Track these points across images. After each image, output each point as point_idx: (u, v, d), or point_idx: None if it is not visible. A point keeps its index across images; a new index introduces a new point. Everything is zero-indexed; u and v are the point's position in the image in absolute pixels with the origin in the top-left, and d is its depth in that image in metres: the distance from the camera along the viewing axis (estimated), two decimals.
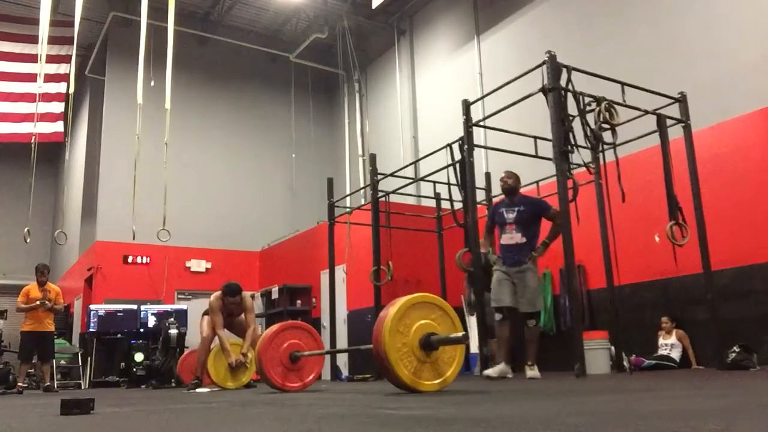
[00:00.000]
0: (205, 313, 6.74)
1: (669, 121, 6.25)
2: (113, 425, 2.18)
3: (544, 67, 5.52)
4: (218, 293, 6.64)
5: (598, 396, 2.64)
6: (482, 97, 7.51)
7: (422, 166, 9.92)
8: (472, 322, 7.99)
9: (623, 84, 6.03)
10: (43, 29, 7.63)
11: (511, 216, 5.67)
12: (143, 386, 9.50)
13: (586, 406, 2.06)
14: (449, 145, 7.27)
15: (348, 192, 12.47)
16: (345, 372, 9.85)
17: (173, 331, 9.14)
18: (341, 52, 14.28)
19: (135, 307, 11.44)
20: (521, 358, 5.78)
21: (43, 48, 7.66)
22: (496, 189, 8.87)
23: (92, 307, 11.40)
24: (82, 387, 10.90)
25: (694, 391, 2.89)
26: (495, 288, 5.59)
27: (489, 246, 5.93)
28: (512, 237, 5.60)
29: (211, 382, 6.58)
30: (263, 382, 4.94)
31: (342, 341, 10.13)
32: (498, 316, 5.55)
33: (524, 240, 5.56)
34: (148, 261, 12.78)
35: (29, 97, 12.75)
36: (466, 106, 6.44)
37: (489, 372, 5.32)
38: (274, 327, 4.87)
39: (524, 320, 5.55)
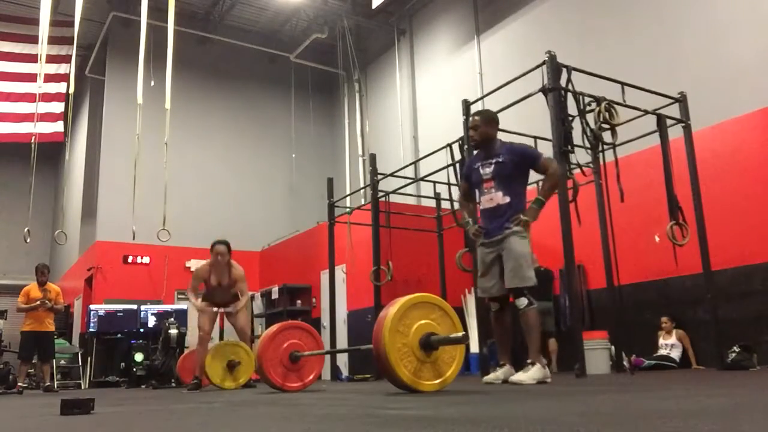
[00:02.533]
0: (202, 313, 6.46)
1: (669, 121, 6.25)
2: (113, 425, 2.18)
3: (544, 67, 5.52)
4: (205, 261, 6.66)
5: (598, 396, 2.64)
6: (482, 97, 7.51)
7: (422, 166, 9.92)
8: (473, 322, 7.99)
9: (623, 84, 6.03)
10: (43, 29, 7.64)
11: (488, 171, 4.32)
12: (143, 386, 9.50)
13: (586, 406, 2.06)
14: (449, 145, 7.27)
15: (348, 192, 12.47)
16: (345, 372, 9.84)
17: (173, 331, 9.13)
18: (341, 52, 14.28)
19: (135, 307, 11.44)
20: (523, 355, 4.46)
21: (43, 48, 7.67)
22: None
23: (92, 307, 11.40)
24: (82, 387, 10.90)
25: (694, 391, 2.89)
26: (480, 272, 4.42)
27: (469, 216, 4.61)
28: (492, 198, 4.30)
29: (209, 383, 6.59)
30: (263, 382, 4.94)
31: (342, 341, 10.13)
32: (494, 306, 4.38)
33: (507, 200, 4.24)
34: (148, 261, 12.79)
35: (29, 97, 12.75)
36: (466, 106, 6.44)
37: (489, 378, 4.37)
38: (274, 327, 4.87)
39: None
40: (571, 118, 5.39)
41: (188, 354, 8.06)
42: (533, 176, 4.59)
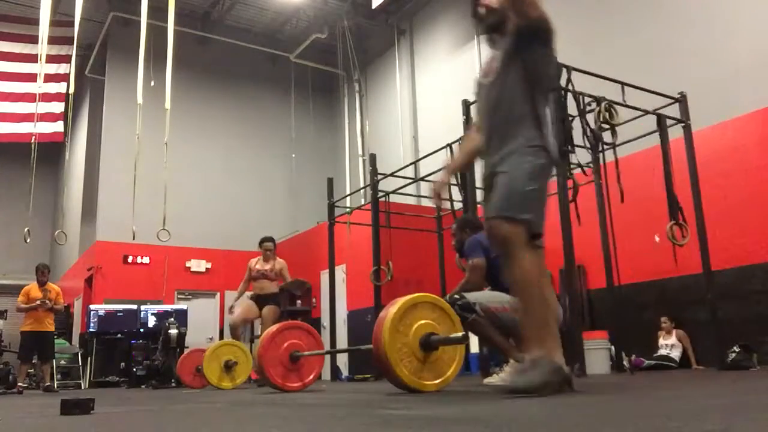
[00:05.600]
0: (251, 298, 7.46)
1: (669, 121, 6.25)
2: (113, 425, 2.18)
3: None
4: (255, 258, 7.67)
5: (597, 396, 2.64)
6: None
7: (422, 166, 9.92)
8: None
9: (623, 84, 6.03)
10: (43, 29, 7.65)
11: None
12: (143, 386, 9.50)
13: (586, 406, 2.06)
14: (449, 145, 7.27)
15: (348, 192, 12.46)
16: (345, 372, 9.84)
17: (173, 331, 9.14)
18: (341, 52, 14.28)
19: (135, 307, 11.44)
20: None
21: (43, 48, 7.68)
22: None
23: (92, 307, 11.39)
24: (82, 387, 10.90)
25: (694, 391, 2.89)
26: None
27: None
28: None
29: (205, 384, 6.62)
30: (263, 382, 4.94)
31: (342, 341, 10.13)
32: None
33: None
34: (148, 261, 12.78)
35: (29, 97, 12.75)
36: (466, 106, 6.44)
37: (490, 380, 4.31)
38: (274, 327, 4.88)
39: None
40: (571, 118, 5.39)
41: (188, 354, 8.07)
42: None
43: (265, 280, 7.47)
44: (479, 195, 7.92)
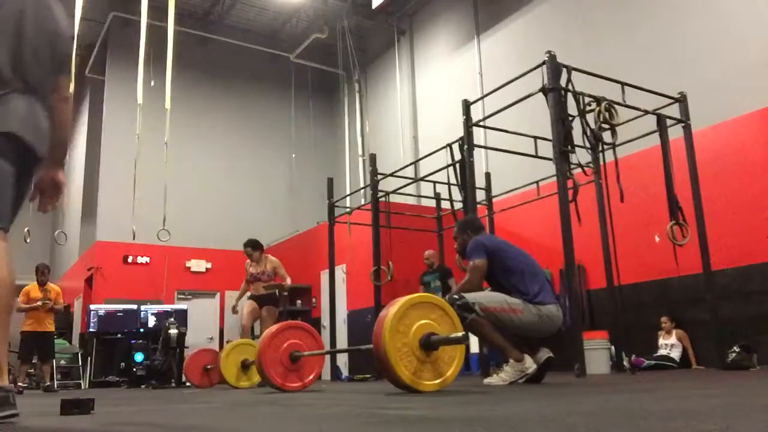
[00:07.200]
0: (250, 298, 7.54)
1: (669, 121, 6.25)
2: (113, 425, 2.18)
3: (544, 67, 5.52)
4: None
5: (598, 396, 2.64)
6: (482, 97, 7.51)
7: (422, 166, 9.92)
8: None
9: (623, 84, 6.03)
10: None
11: None
12: (143, 386, 9.50)
13: (586, 406, 2.06)
14: (449, 145, 7.26)
15: (348, 192, 12.47)
16: (345, 372, 9.84)
17: (173, 331, 9.14)
18: (341, 52, 14.28)
19: (135, 307, 11.44)
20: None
21: None
22: (496, 189, 8.89)
23: (92, 307, 11.39)
24: (82, 387, 10.90)
25: (694, 391, 2.89)
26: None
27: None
28: None
29: (213, 383, 6.61)
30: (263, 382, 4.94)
31: (342, 341, 10.13)
32: None
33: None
34: (148, 261, 12.78)
35: None
36: (466, 106, 6.44)
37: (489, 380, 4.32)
38: (274, 327, 4.88)
39: None
40: (571, 118, 5.39)
41: (196, 354, 8.05)
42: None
43: (259, 283, 7.59)
44: (479, 195, 7.95)
